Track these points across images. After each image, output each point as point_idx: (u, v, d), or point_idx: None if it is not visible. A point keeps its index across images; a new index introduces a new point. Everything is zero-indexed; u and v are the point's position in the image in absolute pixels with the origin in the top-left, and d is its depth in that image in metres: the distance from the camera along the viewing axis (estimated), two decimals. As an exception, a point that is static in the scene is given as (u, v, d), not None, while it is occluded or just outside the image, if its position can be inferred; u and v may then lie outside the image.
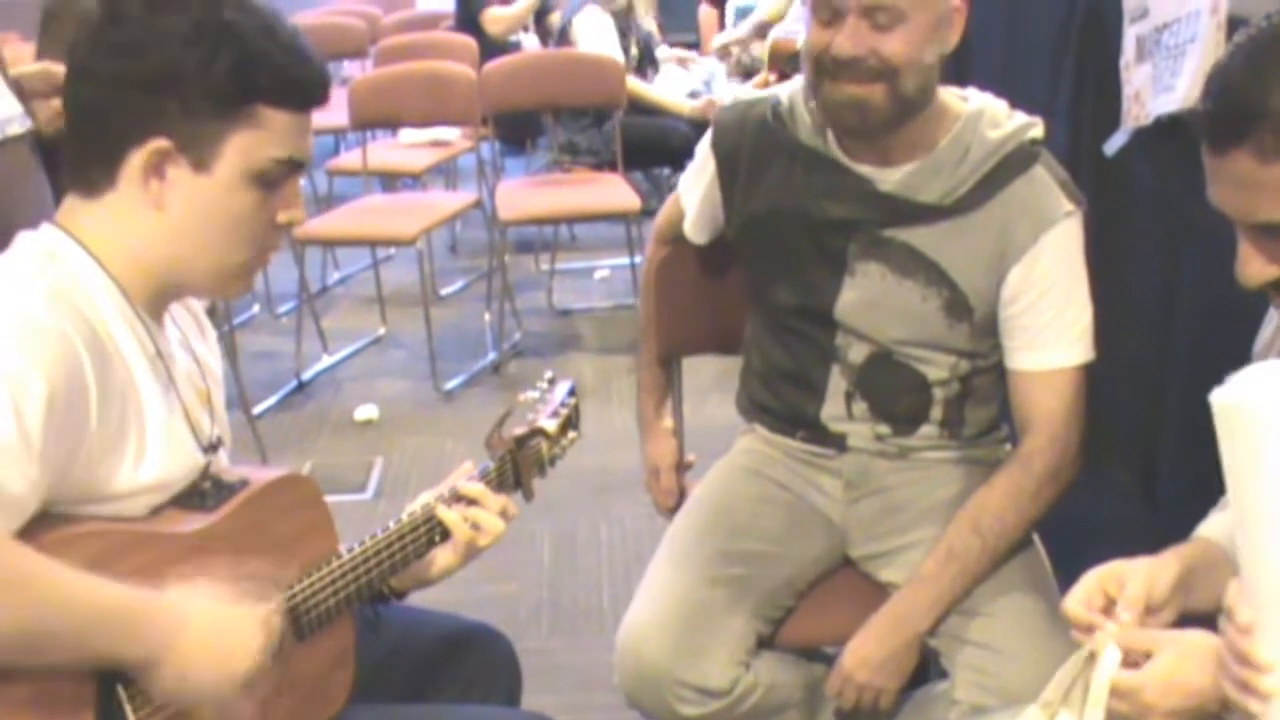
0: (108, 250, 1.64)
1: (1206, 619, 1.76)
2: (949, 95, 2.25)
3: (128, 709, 1.54)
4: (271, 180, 1.67)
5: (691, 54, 8.03)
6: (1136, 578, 1.69)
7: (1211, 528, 1.86)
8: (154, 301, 1.70)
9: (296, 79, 1.66)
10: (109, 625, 1.48)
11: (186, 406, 1.74)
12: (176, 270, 1.68)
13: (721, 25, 7.69)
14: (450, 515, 1.93)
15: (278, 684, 1.65)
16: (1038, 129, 2.23)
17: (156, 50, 1.58)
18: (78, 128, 1.65)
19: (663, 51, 7.41)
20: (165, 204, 1.63)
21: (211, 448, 1.78)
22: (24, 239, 1.66)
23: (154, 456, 1.64)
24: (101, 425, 1.55)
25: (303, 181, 1.81)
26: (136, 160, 1.61)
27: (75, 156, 1.66)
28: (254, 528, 1.71)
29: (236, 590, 1.62)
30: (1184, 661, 1.54)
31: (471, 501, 1.97)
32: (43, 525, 1.48)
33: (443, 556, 1.98)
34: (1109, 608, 1.68)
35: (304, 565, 1.76)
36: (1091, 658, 1.63)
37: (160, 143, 1.60)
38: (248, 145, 1.63)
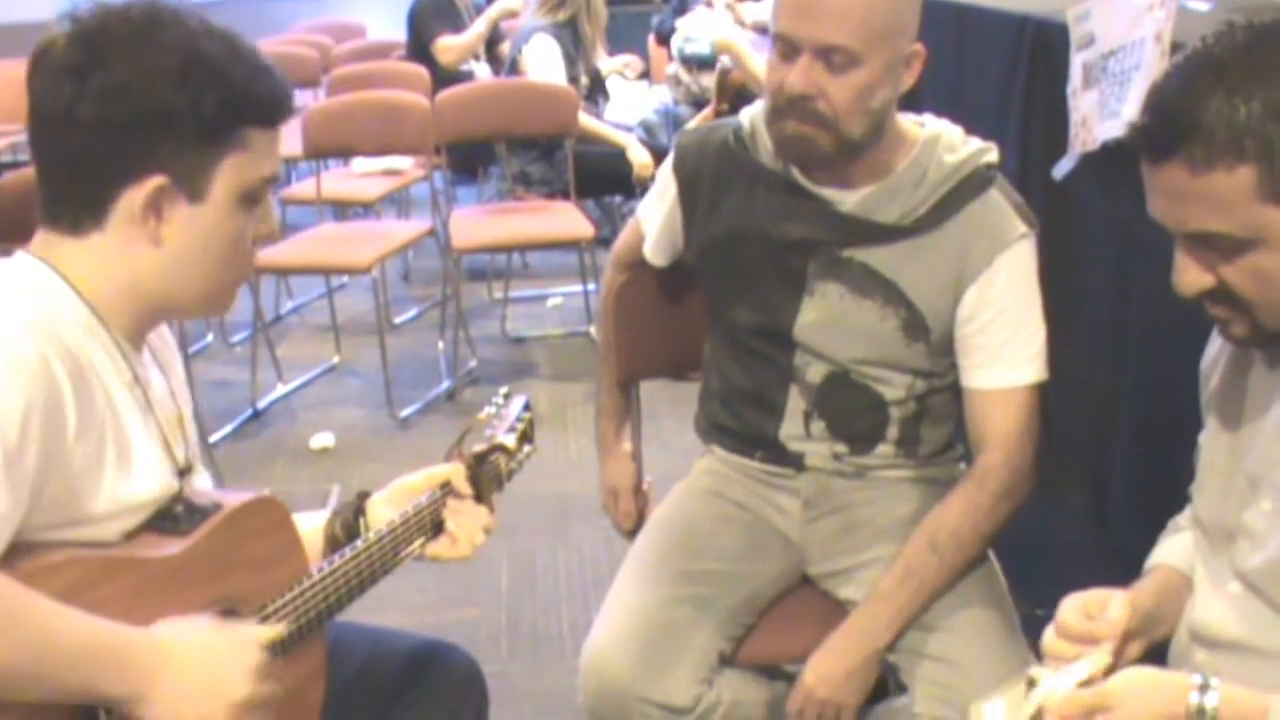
0: (87, 281, 1.65)
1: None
2: (906, 121, 2.30)
3: None
4: (256, 197, 1.72)
5: (634, 58, 8.06)
6: (1119, 603, 1.74)
7: (1166, 554, 1.90)
8: (134, 329, 1.71)
9: (274, 98, 1.71)
10: (95, 662, 1.48)
11: (164, 431, 1.75)
12: (168, 298, 1.71)
13: (670, 58, 7.72)
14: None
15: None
16: (993, 153, 2.28)
17: (146, 91, 1.60)
18: (58, 171, 1.65)
19: (605, 63, 7.43)
20: (162, 239, 1.66)
21: (184, 471, 1.80)
22: None
23: (133, 479, 1.66)
24: (79, 448, 1.56)
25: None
26: (135, 199, 1.62)
27: (55, 198, 1.65)
28: (228, 550, 1.73)
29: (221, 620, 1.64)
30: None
31: (460, 497, 2.05)
32: (19, 554, 1.48)
33: (432, 547, 2.05)
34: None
35: (276, 585, 1.78)
36: (1031, 683, 1.66)
37: (158, 180, 1.62)
38: (238, 169, 1.67)
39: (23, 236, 1.72)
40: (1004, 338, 2.25)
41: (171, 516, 1.71)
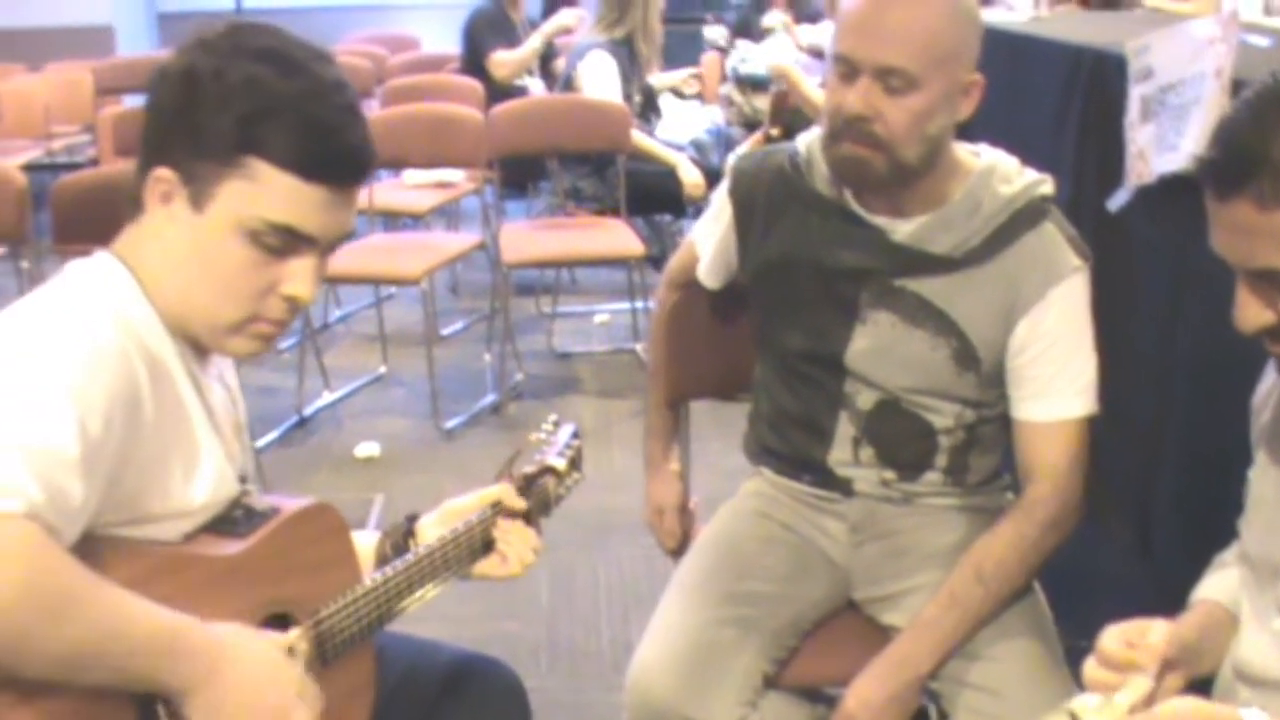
0: (151, 278, 1.68)
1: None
2: (961, 151, 2.30)
3: None
4: (268, 243, 1.66)
5: (688, 72, 8.03)
6: (1159, 630, 1.73)
7: (1211, 589, 1.90)
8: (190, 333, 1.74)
9: (307, 148, 1.64)
10: (156, 650, 1.50)
11: (224, 436, 1.78)
12: (177, 308, 1.69)
13: (723, 78, 7.73)
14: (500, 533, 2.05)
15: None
16: (1048, 185, 2.29)
17: (179, 85, 1.63)
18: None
19: (665, 77, 7.44)
20: (165, 234, 1.67)
21: (243, 478, 1.83)
22: (77, 266, 1.70)
23: (198, 480, 1.69)
24: (153, 444, 1.59)
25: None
26: (149, 183, 1.65)
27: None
28: (283, 554, 1.75)
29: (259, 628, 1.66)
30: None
31: (511, 515, 2.06)
32: (82, 546, 1.50)
33: (481, 565, 2.07)
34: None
35: (330, 591, 1.80)
36: (1072, 717, 1.66)
37: (163, 172, 1.64)
38: (239, 196, 1.64)
39: (82, 238, 1.74)
40: (1055, 370, 2.25)
41: (230, 519, 1.74)
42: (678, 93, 7.73)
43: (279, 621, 1.74)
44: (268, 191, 1.64)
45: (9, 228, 4.62)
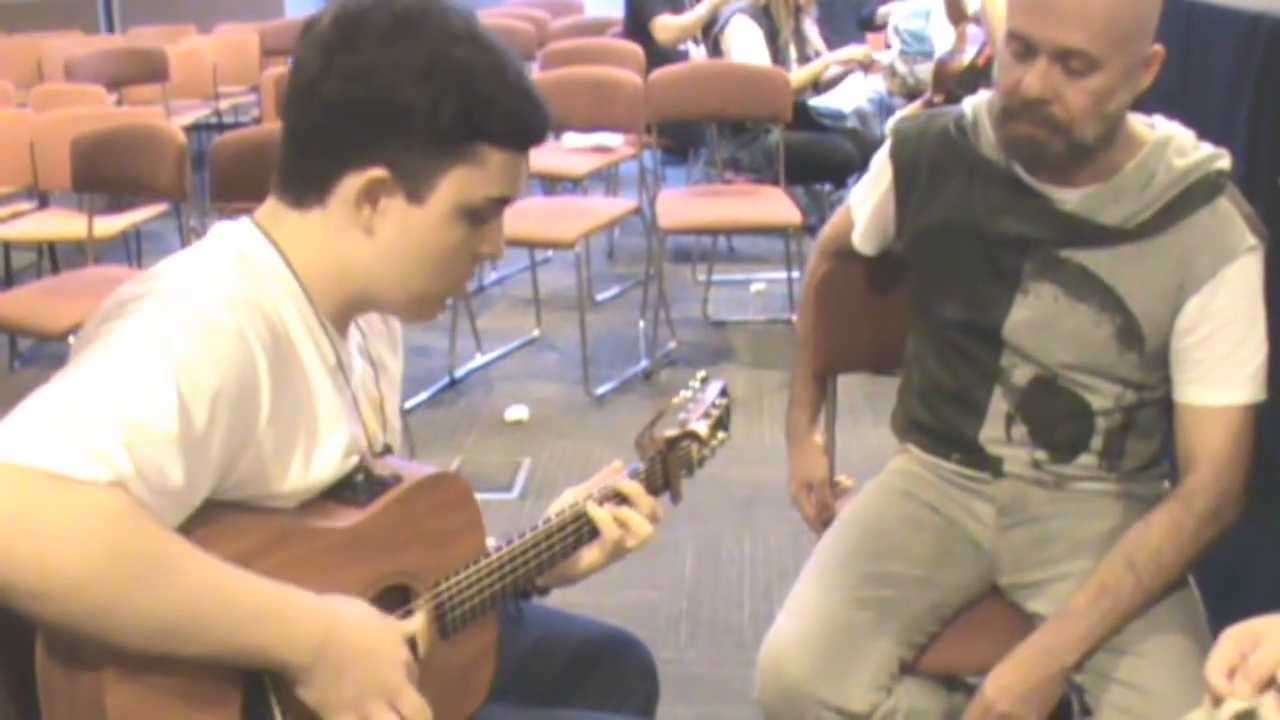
0: (303, 259, 1.65)
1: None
2: (1136, 122, 2.21)
3: (275, 706, 1.54)
4: (481, 215, 1.67)
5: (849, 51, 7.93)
6: (1273, 640, 1.59)
7: None
8: (341, 312, 1.71)
9: (523, 122, 1.65)
10: (262, 623, 1.47)
11: (363, 416, 1.76)
12: (372, 291, 1.70)
13: (887, 45, 7.61)
14: (601, 514, 1.93)
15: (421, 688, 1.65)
16: (1225, 160, 2.19)
17: (386, 83, 1.57)
18: (294, 143, 1.65)
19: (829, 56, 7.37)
20: (375, 229, 1.64)
21: (385, 449, 1.81)
22: (221, 230, 1.68)
23: (322, 462, 1.66)
24: (272, 428, 1.56)
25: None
26: (351, 185, 1.61)
27: (288, 169, 1.66)
28: (404, 524, 1.71)
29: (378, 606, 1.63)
30: None
31: (624, 500, 1.97)
32: (196, 515, 1.48)
33: (589, 554, 1.98)
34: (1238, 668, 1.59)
35: (451, 563, 1.76)
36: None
37: (377, 172, 1.60)
38: (464, 182, 1.63)
39: (236, 195, 1.72)
40: (1223, 353, 2.16)
41: (350, 486, 1.70)
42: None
43: (398, 593, 1.71)
44: (491, 171, 1.64)
45: (170, 186, 4.75)
